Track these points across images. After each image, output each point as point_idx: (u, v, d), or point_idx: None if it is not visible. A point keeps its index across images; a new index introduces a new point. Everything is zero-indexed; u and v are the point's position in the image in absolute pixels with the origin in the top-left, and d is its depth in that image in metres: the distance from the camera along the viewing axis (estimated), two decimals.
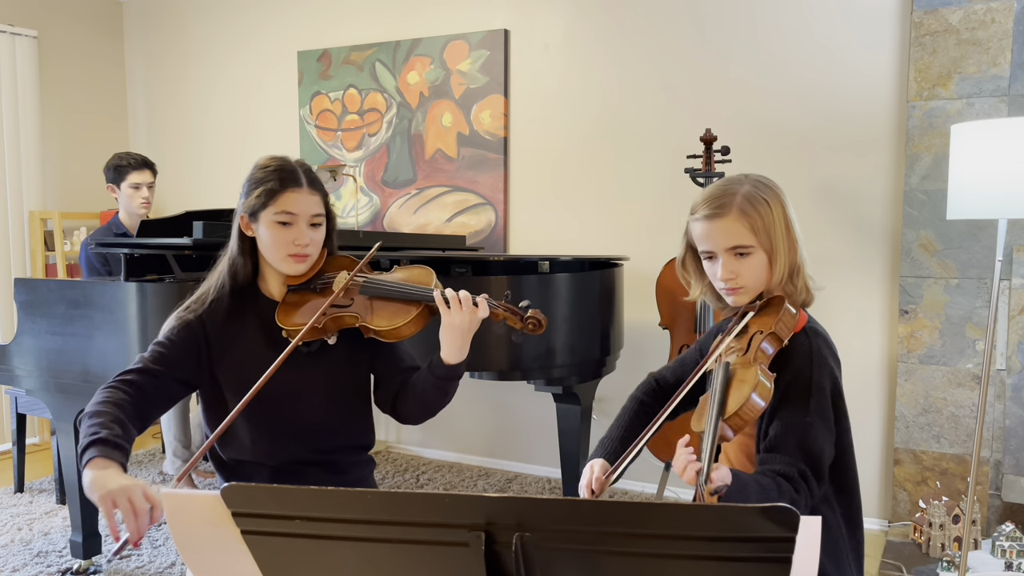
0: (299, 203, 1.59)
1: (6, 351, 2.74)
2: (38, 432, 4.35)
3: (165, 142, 4.80)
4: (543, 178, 3.73)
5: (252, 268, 1.67)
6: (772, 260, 1.38)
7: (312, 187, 1.62)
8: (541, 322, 1.60)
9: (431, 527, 0.82)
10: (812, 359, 1.35)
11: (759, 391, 1.25)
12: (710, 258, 1.42)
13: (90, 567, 2.74)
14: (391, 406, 1.71)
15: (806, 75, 3.16)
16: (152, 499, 1.30)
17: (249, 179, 1.63)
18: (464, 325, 1.56)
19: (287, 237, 1.59)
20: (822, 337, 1.40)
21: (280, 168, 1.61)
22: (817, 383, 1.33)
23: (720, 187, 1.41)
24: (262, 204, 1.58)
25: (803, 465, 1.28)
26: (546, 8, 3.66)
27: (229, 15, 4.52)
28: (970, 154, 2.18)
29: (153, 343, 1.62)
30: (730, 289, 1.40)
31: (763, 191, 1.39)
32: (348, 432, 1.71)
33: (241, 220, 1.63)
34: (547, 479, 3.76)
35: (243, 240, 1.64)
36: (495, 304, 1.60)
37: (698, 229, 1.41)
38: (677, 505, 0.78)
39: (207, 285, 1.66)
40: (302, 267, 1.63)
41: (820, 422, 1.32)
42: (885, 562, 2.73)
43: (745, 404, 1.23)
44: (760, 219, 1.36)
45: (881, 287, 3.10)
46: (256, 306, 1.66)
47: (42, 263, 4.37)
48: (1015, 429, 2.85)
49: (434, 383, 1.62)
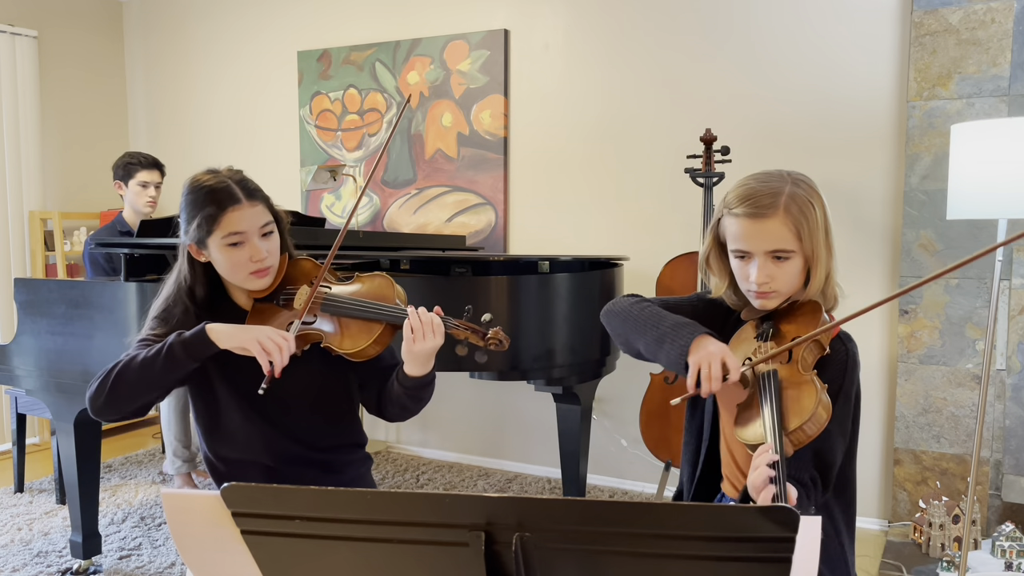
0: (244, 220, 1.53)
1: (6, 351, 2.74)
2: (38, 432, 4.35)
3: (165, 142, 4.80)
4: (543, 178, 3.73)
5: (211, 286, 1.64)
6: (812, 267, 1.32)
7: (251, 198, 1.55)
8: (503, 341, 1.54)
9: (431, 527, 0.82)
10: (847, 368, 1.31)
11: (823, 407, 1.18)
12: (742, 257, 1.34)
13: (90, 567, 2.74)
14: (376, 407, 1.69)
15: (806, 75, 3.16)
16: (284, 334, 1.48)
17: (185, 204, 1.56)
18: (428, 349, 1.51)
19: (242, 256, 1.54)
20: (854, 344, 1.36)
21: (213, 190, 1.53)
22: (846, 392, 1.31)
23: (763, 184, 1.31)
24: (207, 232, 1.53)
25: (814, 471, 1.26)
26: (546, 8, 3.66)
27: (229, 15, 4.52)
28: (970, 154, 2.18)
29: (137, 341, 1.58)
30: (761, 293, 1.33)
31: (809, 193, 1.31)
32: (338, 433, 1.70)
33: (190, 248, 1.58)
34: (547, 479, 3.76)
35: (195, 266, 1.60)
36: (455, 323, 1.54)
37: (735, 227, 1.32)
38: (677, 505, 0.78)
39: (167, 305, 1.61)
40: (266, 280, 1.59)
41: (838, 431, 1.29)
42: (885, 562, 2.73)
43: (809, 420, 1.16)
44: (806, 223, 1.29)
45: (881, 287, 3.10)
46: (227, 315, 1.63)
47: (42, 263, 4.37)
48: (1015, 429, 2.85)
49: (404, 392, 1.59)
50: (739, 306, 1.44)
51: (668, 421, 3.02)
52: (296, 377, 1.60)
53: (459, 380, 3.68)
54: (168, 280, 1.65)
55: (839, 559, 1.39)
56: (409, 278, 2.78)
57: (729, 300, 1.45)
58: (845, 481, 1.39)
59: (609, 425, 3.65)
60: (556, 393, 2.96)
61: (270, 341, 1.45)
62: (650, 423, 3.08)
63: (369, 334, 1.56)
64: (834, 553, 1.38)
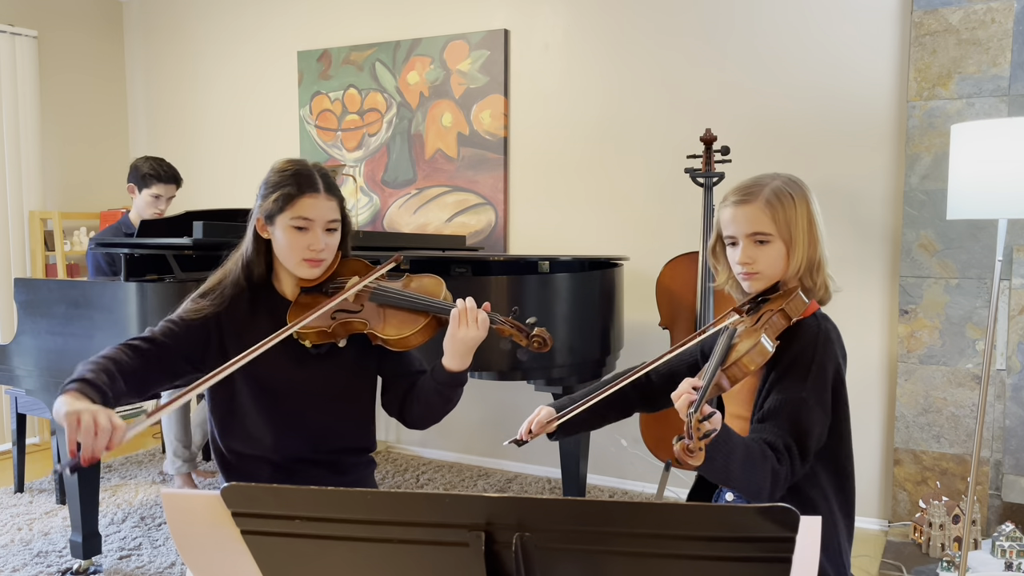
0: (316, 209, 1.60)
1: (6, 351, 2.74)
2: (38, 432, 4.35)
3: (165, 142, 4.80)
4: (543, 178, 3.73)
5: (266, 267, 1.68)
6: (790, 251, 1.44)
7: (329, 192, 1.63)
8: (546, 341, 1.60)
9: (431, 527, 0.82)
10: (818, 341, 1.41)
11: (759, 348, 1.33)
12: (733, 244, 1.48)
13: (90, 567, 2.74)
14: (398, 410, 1.72)
15: (806, 75, 3.16)
16: (116, 423, 1.32)
17: (266, 182, 1.64)
18: (471, 339, 1.56)
19: (303, 242, 1.60)
20: (831, 325, 1.46)
21: (297, 173, 1.62)
22: (819, 363, 1.39)
23: (752, 179, 1.49)
24: (279, 208, 1.59)
25: (790, 439, 1.33)
26: (546, 8, 3.66)
27: (229, 15, 4.52)
28: (970, 154, 2.18)
29: (166, 319, 1.62)
30: (746, 274, 1.47)
31: (791, 187, 1.46)
32: (350, 434, 1.72)
33: (257, 222, 1.64)
34: (547, 479, 3.76)
35: (258, 241, 1.65)
36: (501, 320, 1.60)
37: (725, 215, 1.48)
38: (677, 505, 0.78)
39: (221, 277, 1.67)
40: (316, 271, 1.64)
41: (815, 401, 1.36)
42: (885, 562, 2.73)
43: (744, 356, 1.32)
44: (783, 211, 1.43)
45: (881, 287, 3.10)
46: (270, 303, 1.67)
47: (42, 263, 4.37)
48: (1015, 429, 2.85)
49: (436, 389, 1.62)
50: (740, 299, 1.54)
51: (668, 421, 3.02)
52: (322, 373, 1.65)
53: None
54: (227, 260, 1.69)
55: (834, 541, 1.42)
56: None
57: (733, 294, 1.57)
58: (841, 462, 1.43)
59: (609, 425, 3.65)
60: (556, 393, 2.96)
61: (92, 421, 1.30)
62: (650, 423, 3.08)
63: (414, 324, 1.60)
64: (830, 535, 1.41)
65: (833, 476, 1.43)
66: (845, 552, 1.44)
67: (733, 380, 1.33)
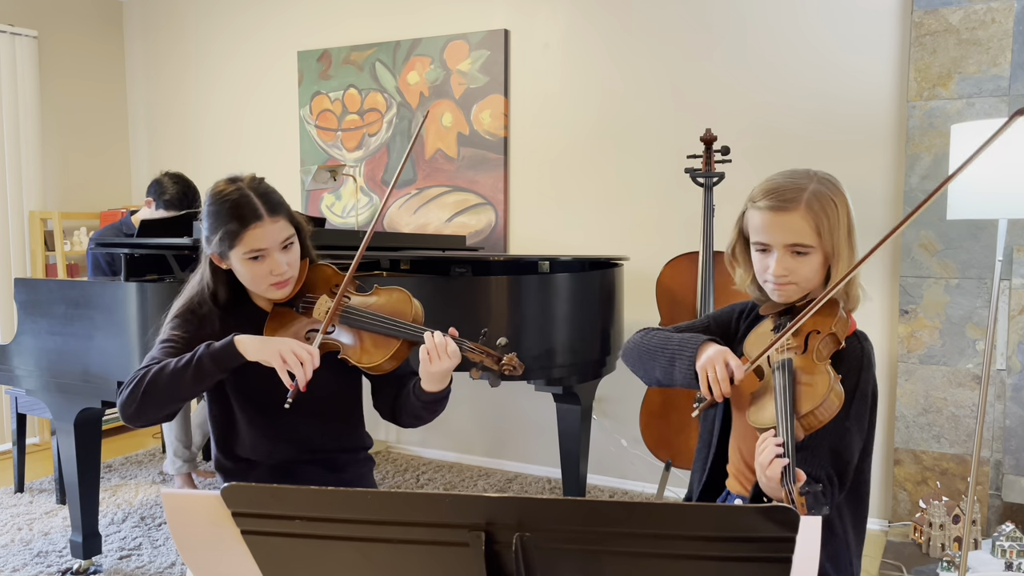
0: (265, 237, 1.54)
1: (6, 351, 2.74)
2: (38, 432, 4.35)
3: (165, 142, 4.80)
4: (543, 178, 3.73)
5: (232, 288, 1.66)
6: (832, 264, 1.34)
7: (273, 214, 1.56)
8: (517, 368, 1.56)
9: (431, 527, 0.82)
10: (862, 365, 1.33)
11: (835, 394, 1.21)
12: (763, 250, 1.36)
13: (90, 567, 2.74)
14: (390, 413, 1.71)
15: (806, 75, 3.16)
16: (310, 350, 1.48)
17: (207, 214, 1.58)
18: (444, 370, 1.53)
19: (263, 270, 1.57)
20: (870, 343, 1.38)
21: (236, 204, 1.54)
22: (862, 390, 1.32)
23: (788, 179, 1.35)
24: (228, 246, 1.55)
25: (831, 469, 1.26)
26: (546, 8, 3.66)
27: (229, 15, 4.52)
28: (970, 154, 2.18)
29: (161, 342, 1.61)
30: (779, 285, 1.35)
31: (832, 191, 1.34)
32: (343, 436, 1.73)
33: (212, 257, 1.61)
34: (547, 479, 3.76)
35: (217, 272, 1.62)
36: (470, 347, 1.55)
37: (758, 219, 1.35)
38: (677, 505, 0.78)
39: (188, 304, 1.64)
40: (286, 290, 1.62)
41: (856, 429, 1.30)
42: (885, 562, 2.73)
43: (821, 405, 1.19)
44: (827, 220, 1.31)
45: (881, 287, 3.10)
46: (246, 315, 1.66)
47: (42, 263, 4.37)
48: (1015, 429, 2.85)
49: (420, 405, 1.61)
50: (761, 300, 1.45)
51: (668, 421, 3.02)
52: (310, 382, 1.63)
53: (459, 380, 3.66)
54: (190, 282, 1.67)
55: (844, 554, 1.38)
56: (409, 278, 2.78)
57: (752, 294, 1.47)
58: (859, 480, 1.38)
59: (609, 425, 3.65)
60: (556, 393, 2.96)
61: (293, 356, 1.46)
62: (650, 423, 3.08)
63: (387, 349, 1.58)
64: (840, 548, 1.38)
65: (850, 494, 1.38)
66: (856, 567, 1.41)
67: (809, 429, 1.21)
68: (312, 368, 1.46)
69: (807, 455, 1.26)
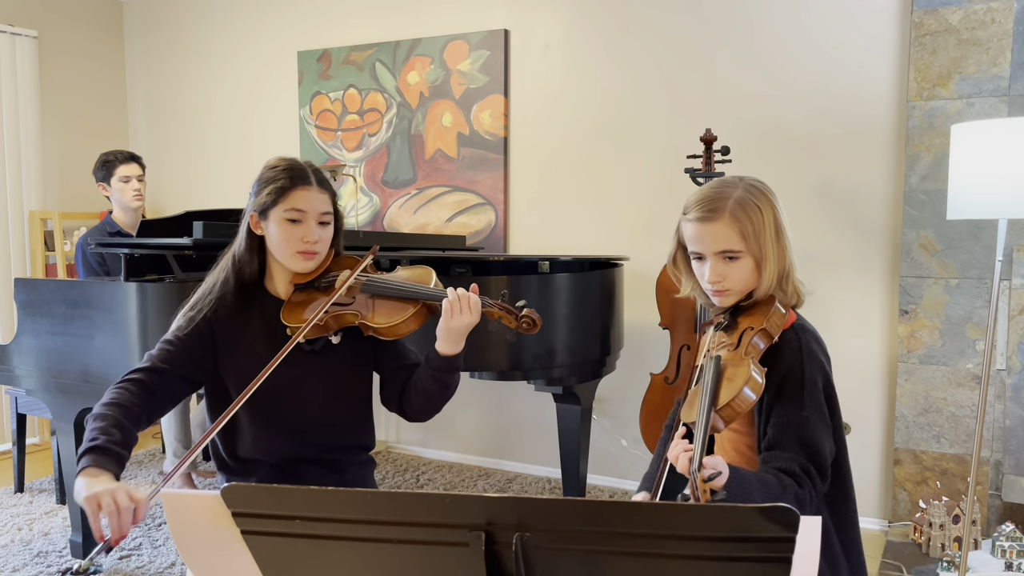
0: (309, 201, 1.62)
1: (6, 351, 2.74)
2: (38, 432, 4.35)
3: (165, 142, 4.80)
4: (543, 178, 3.73)
5: (259, 266, 1.69)
6: (760, 266, 1.40)
7: (321, 186, 1.66)
8: (536, 321, 1.63)
9: (431, 527, 0.82)
10: (802, 355, 1.37)
11: (751, 385, 1.27)
12: (699, 259, 1.43)
13: (90, 567, 2.73)
14: (397, 404, 1.72)
15: (806, 75, 3.16)
16: (136, 499, 1.31)
17: (259, 178, 1.67)
18: (465, 325, 1.58)
19: (296, 234, 1.62)
20: (810, 333, 1.42)
21: (290, 167, 1.65)
22: (810, 378, 1.35)
23: (713, 189, 1.41)
24: (272, 202, 1.61)
25: (804, 460, 1.29)
26: (546, 8, 3.66)
27: (229, 15, 4.52)
28: (970, 154, 2.18)
29: (162, 340, 1.64)
30: (717, 291, 1.42)
31: (756, 196, 1.39)
32: (348, 431, 1.72)
33: (251, 218, 1.65)
34: (547, 479, 3.76)
35: (252, 239, 1.66)
36: (491, 303, 1.62)
37: (689, 230, 1.42)
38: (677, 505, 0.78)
39: (211, 281, 1.67)
40: (311, 264, 1.65)
41: (816, 417, 1.33)
42: (885, 562, 2.73)
43: (737, 396, 1.25)
44: (751, 225, 1.37)
45: (881, 287, 3.10)
46: (261, 304, 1.68)
47: (42, 263, 4.37)
48: (1015, 429, 2.85)
49: (432, 376, 1.63)
50: (710, 304, 1.51)
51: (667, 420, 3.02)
52: (316, 371, 1.65)
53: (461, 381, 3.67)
54: (215, 267, 1.70)
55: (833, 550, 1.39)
56: None
57: (700, 299, 1.53)
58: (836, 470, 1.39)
59: (609, 425, 3.65)
60: (556, 393, 2.96)
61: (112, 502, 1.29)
62: (650, 423, 3.08)
63: (404, 312, 1.62)
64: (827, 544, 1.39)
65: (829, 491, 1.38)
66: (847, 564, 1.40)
67: (728, 420, 1.27)
68: (131, 519, 1.30)
69: (777, 453, 1.31)
